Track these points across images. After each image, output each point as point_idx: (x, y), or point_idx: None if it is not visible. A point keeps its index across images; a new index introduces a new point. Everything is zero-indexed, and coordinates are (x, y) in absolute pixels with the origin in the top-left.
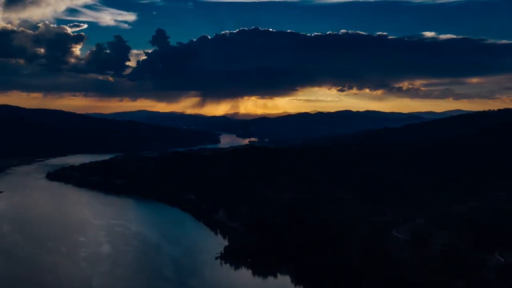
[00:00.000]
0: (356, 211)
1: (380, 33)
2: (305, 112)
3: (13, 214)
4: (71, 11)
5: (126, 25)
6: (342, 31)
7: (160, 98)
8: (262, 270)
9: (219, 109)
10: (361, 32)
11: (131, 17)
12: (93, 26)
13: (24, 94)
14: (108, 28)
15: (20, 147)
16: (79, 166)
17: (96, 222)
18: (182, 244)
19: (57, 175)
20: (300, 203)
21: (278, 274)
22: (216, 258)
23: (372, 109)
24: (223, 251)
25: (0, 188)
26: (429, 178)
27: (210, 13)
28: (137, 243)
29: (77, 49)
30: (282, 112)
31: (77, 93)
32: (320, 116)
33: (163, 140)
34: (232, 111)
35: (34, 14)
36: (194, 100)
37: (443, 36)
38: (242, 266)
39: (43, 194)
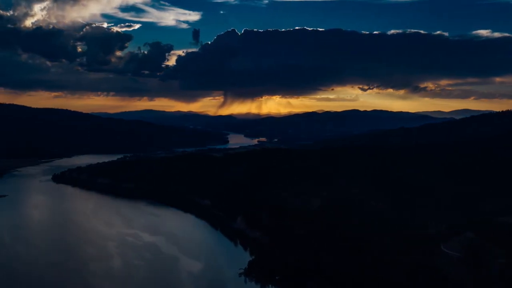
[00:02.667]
0: (393, 222)
1: (439, 32)
2: (313, 112)
3: (17, 222)
4: (136, 10)
5: (185, 25)
6: (393, 31)
7: (179, 97)
8: None
9: (239, 108)
10: (421, 31)
11: (195, 16)
12: (150, 25)
13: (47, 93)
14: (164, 28)
15: (26, 147)
16: (86, 167)
17: (105, 231)
18: (201, 257)
19: (64, 177)
20: (328, 211)
21: None
22: (240, 275)
23: (379, 108)
24: (247, 267)
25: (4, 192)
26: (465, 183)
27: (281, 13)
28: (150, 256)
29: (120, 50)
30: (288, 112)
31: (99, 92)
32: (328, 116)
33: (170, 140)
34: (253, 111)
35: (85, 12)
36: (214, 99)
37: (497, 34)
38: (270, 285)
39: (49, 199)
